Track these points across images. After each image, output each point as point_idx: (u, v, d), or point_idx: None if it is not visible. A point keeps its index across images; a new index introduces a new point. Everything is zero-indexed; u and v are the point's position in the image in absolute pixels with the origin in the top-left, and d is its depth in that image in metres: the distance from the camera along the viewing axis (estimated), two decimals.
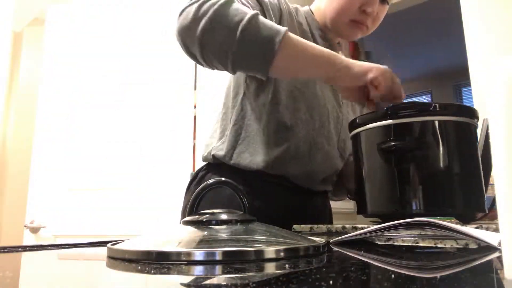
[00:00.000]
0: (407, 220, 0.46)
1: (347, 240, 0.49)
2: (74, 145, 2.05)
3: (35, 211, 2.02)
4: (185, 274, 0.30)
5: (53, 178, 2.04)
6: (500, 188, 0.24)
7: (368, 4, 0.81)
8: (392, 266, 0.34)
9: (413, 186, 0.66)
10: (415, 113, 0.67)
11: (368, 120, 0.71)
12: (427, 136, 0.67)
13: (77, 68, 2.14)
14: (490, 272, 0.31)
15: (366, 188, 0.72)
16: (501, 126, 0.24)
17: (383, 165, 0.69)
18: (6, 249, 0.52)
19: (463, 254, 0.41)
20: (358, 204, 0.75)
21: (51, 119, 2.11)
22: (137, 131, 2.01)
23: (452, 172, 0.66)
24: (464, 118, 0.68)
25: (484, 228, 0.53)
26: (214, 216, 0.42)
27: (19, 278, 0.33)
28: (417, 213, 0.64)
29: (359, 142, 0.74)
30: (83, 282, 0.31)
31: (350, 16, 0.84)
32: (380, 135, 0.69)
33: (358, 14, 0.83)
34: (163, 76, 2.05)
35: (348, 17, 0.84)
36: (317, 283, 0.24)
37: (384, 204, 0.70)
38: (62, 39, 2.20)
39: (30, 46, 2.86)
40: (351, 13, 0.83)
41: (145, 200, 1.94)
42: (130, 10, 2.15)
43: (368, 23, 0.85)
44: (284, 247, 0.36)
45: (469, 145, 0.68)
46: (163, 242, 0.42)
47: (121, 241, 0.46)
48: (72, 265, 0.43)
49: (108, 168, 1.99)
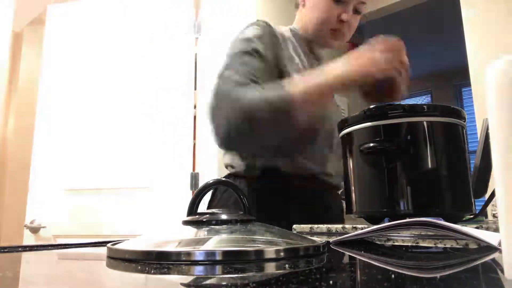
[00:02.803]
0: (407, 220, 0.46)
1: (347, 240, 0.49)
2: (74, 145, 2.05)
3: (35, 211, 2.02)
4: (185, 274, 0.30)
5: (53, 178, 2.04)
6: (500, 188, 0.24)
7: (344, 14, 0.95)
8: (392, 266, 0.34)
9: (400, 186, 0.66)
10: (403, 114, 0.67)
11: (356, 120, 0.72)
12: (415, 137, 0.67)
13: (77, 68, 2.14)
14: (490, 272, 0.31)
15: (354, 188, 0.72)
16: (500, 126, 0.24)
17: (370, 165, 0.69)
18: (6, 249, 0.51)
19: (463, 254, 0.41)
20: (346, 204, 0.76)
21: (51, 119, 2.11)
22: (137, 131, 2.01)
23: (439, 173, 0.66)
24: (451, 119, 0.68)
25: (484, 228, 0.53)
26: (214, 216, 0.42)
27: (19, 278, 0.33)
28: (405, 213, 0.64)
29: (347, 143, 0.75)
30: (83, 282, 0.31)
31: (330, 26, 0.96)
32: (368, 136, 0.70)
33: (336, 23, 0.96)
34: (163, 76, 2.05)
35: (328, 26, 0.96)
36: (317, 283, 0.24)
37: (372, 204, 0.70)
38: (62, 39, 2.20)
39: (30, 46, 2.86)
40: (331, 23, 0.96)
41: (145, 200, 1.94)
42: (130, 10, 2.15)
43: (345, 30, 0.98)
44: (284, 247, 0.36)
45: (456, 146, 0.68)
46: (163, 242, 0.42)
47: (121, 241, 0.46)
48: (72, 265, 0.43)
49: (108, 168, 1.99)
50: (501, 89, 0.24)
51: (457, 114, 0.69)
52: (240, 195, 0.46)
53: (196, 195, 0.46)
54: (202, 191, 0.46)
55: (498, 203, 0.24)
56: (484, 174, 0.70)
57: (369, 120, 0.69)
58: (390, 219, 0.66)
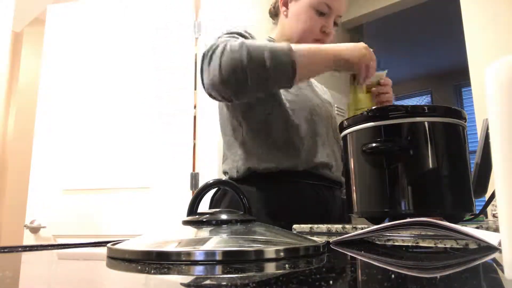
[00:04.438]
0: (407, 220, 0.46)
1: (347, 240, 0.49)
2: (74, 145, 2.05)
3: (35, 211, 2.02)
4: (185, 274, 0.30)
5: (53, 178, 2.04)
6: (500, 188, 0.24)
7: (326, 26, 1.02)
8: (392, 266, 0.34)
9: (401, 186, 0.66)
10: (404, 114, 0.67)
11: (358, 121, 0.72)
12: (416, 137, 0.67)
13: (77, 68, 2.14)
14: (490, 272, 0.31)
15: (355, 188, 0.72)
16: (500, 126, 0.24)
17: (371, 165, 0.70)
18: (6, 249, 0.52)
19: (463, 254, 0.41)
20: (347, 205, 0.76)
21: (51, 119, 2.11)
22: (137, 131, 2.01)
23: (440, 173, 0.66)
24: (452, 119, 0.68)
25: (484, 228, 0.53)
26: (214, 216, 0.42)
27: (19, 278, 0.33)
28: (406, 213, 0.64)
29: (348, 143, 0.75)
30: (83, 282, 0.31)
31: (313, 36, 1.02)
32: (369, 136, 0.70)
33: (319, 34, 1.02)
34: (163, 76, 2.05)
35: (312, 36, 1.02)
36: (317, 283, 0.24)
37: (373, 204, 0.70)
38: (62, 39, 2.20)
39: (30, 46, 2.86)
40: (314, 34, 1.02)
41: (145, 200, 1.94)
42: (130, 10, 2.15)
43: (326, 41, 1.04)
44: (284, 247, 0.36)
45: (457, 146, 0.69)
46: (163, 242, 0.42)
47: (121, 241, 0.46)
48: (72, 265, 0.43)
49: (108, 168, 1.99)
50: (501, 89, 0.24)
51: (457, 115, 0.69)
52: (240, 195, 0.46)
53: (196, 195, 0.46)
54: (202, 191, 0.46)
55: (498, 203, 0.24)
56: (484, 174, 0.70)
57: (371, 120, 0.69)
58: (391, 219, 0.66)
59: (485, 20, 1.92)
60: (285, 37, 1.06)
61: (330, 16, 1.02)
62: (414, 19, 3.82)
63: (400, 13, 3.00)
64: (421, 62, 5.03)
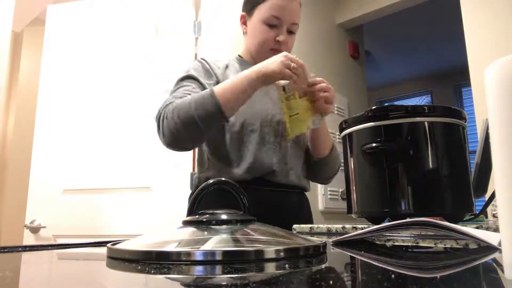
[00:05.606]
0: (407, 220, 0.46)
1: (347, 240, 0.49)
2: (74, 145, 2.05)
3: (35, 211, 2.02)
4: (185, 274, 0.30)
5: (53, 178, 2.04)
6: (500, 188, 0.24)
7: (279, 35, 1.09)
8: (392, 266, 0.34)
9: (401, 186, 0.66)
10: (404, 114, 0.67)
11: (358, 121, 0.72)
12: (416, 137, 0.67)
13: (77, 69, 2.14)
14: (490, 272, 0.31)
15: (355, 188, 0.72)
16: (500, 126, 0.24)
17: (371, 165, 0.69)
18: (6, 249, 0.51)
19: (463, 254, 0.41)
20: (347, 205, 0.76)
21: (51, 119, 2.11)
22: (137, 131, 2.00)
23: (440, 173, 0.66)
24: (452, 119, 0.68)
25: (484, 228, 0.53)
26: (214, 216, 0.42)
27: (19, 278, 0.33)
28: (406, 213, 0.64)
29: (348, 143, 0.75)
30: (83, 282, 0.31)
31: (269, 46, 1.10)
32: (369, 136, 0.70)
33: (274, 44, 1.09)
34: (163, 76, 2.04)
35: (268, 47, 1.10)
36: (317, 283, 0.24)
37: (373, 204, 0.70)
38: (62, 39, 2.20)
39: (30, 46, 2.86)
40: (269, 44, 1.10)
41: (145, 200, 1.94)
42: (130, 10, 2.15)
43: (283, 49, 1.09)
44: (284, 247, 0.36)
45: (457, 146, 0.69)
46: (163, 242, 0.42)
47: (121, 241, 0.46)
48: (72, 265, 0.43)
49: (108, 169, 1.99)
50: (501, 89, 0.24)
51: (457, 115, 0.69)
52: (240, 195, 0.46)
53: (196, 195, 0.46)
54: (202, 191, 0.46)
55: (498, 203, 0.24)
56: (484, 174, 0.70)
57: (371, 120, 0.69)
58: (391, 219, 0.66)
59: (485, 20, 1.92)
60: (247, 51, 1.18)
61: (281, 26, 1.09)
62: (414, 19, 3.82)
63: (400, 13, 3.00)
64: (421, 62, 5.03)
